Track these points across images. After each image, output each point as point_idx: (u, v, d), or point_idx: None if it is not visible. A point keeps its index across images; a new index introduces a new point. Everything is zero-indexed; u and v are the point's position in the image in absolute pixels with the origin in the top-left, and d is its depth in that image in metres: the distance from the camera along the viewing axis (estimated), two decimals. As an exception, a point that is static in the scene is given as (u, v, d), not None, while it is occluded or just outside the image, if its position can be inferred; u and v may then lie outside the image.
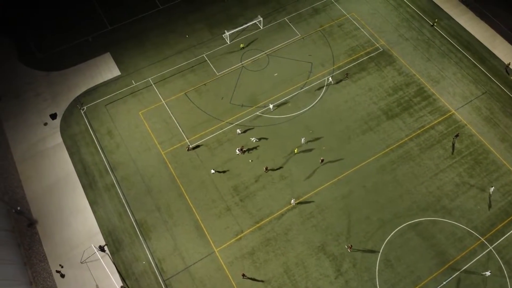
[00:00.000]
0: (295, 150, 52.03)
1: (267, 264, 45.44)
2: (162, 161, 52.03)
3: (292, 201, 48.37)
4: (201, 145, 52.69)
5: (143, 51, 61.17)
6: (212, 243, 46.68)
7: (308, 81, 58.28)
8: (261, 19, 62.12)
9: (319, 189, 49.75)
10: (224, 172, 50.99)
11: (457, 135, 53.34)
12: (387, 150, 52.60)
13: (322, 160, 51.07)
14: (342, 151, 52.45)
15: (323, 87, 57.67)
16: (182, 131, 54.19)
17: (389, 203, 48.81)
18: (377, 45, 61.88)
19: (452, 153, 52.53)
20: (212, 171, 50.66)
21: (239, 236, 47.09)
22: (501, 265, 44.82)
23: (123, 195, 49.67)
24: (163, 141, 53.49)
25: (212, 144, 53.19)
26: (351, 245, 45.94)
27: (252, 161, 51.51)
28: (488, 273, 44.02)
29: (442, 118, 55.13)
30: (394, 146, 52.89)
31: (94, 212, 48.59)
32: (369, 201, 48.93)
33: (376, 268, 45.09)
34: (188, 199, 49.45)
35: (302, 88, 57.67)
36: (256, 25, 63.51)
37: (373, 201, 48.93)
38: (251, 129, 54.17)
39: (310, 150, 52.52)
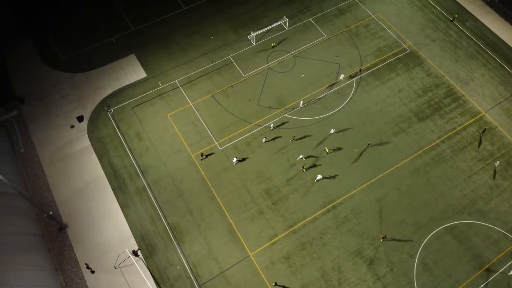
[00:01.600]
0: (326, 149, 51.68)
1: (303, 268, 44.95)
2: (193, 163, 51.43)
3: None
4: (213, 153, 52.05)
5: (168, 53, 60.50)
6: (246, 247, 46.15)
7: (337, 83, 57.78)
8: (287, 20, 61.52)
9: (353, 192, 49.30)
10: (244, 159, 51.04)
11: (484, 131, 53.23)
12: (419, 152, 52.18)
13: (369, 144, 52.05)
14: (374, 153, 51.97)
15: (352, 88, 57.26)
16: (211, 133, 53.59)
17: (424, 206, 48.39)
18: (404, 46, 61.43)
19: (479, 147, 52.39)
20: (234, 159, 50.39)
21: (273, 240, 46.58)
22: (542, 269, 44.66)
23: (155, 198, 49.07)
24: (192, 143, 52.88)
25: (241, 147, 52.58)
26: (385, 235, 45.90)
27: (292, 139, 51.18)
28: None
29: (473, 119, 54.76)
30: (427, 148, 52.46)
31: (126, 216, 47.98)
32: (404, 205, 48.51)
33: (413, 272, 44.68)
34: (220, 202, 48.90)
35: (330, 89, 57.18)
36: (281, 26, 62.92)
37: (408, 204, 48.52)
38: (285, 123, 53.98)
39: (341, 151, 52.09)
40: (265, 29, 60.92)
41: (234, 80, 58.03)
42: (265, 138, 52.39)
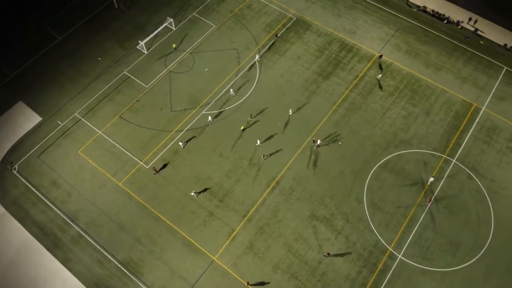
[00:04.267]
0: (242, 127, 52.23)
1: (269, 251, 44.87)
2: (123, 192, 48.29)
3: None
4: (168, 163, 50.02)
5: (58, 88, 55.66)
6: (208, 253, 44.75)
7: (240, 67, 58.00)
8: (171, 20, 60.04)
9: (289, 163, 50.17)
10: (205, 190, 48.33)
11: (380, 56, 58.06)
12: (334, 107, 54.65)
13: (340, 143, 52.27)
14: (296, 122, 53.29)
15: (256, 68, 57.90)
16: (132, 155, 50.71)
17: (355, 154, 50.95)
18: (289, 15, 63.48)
19: (381, 71, 57.33)
20: (193, 193, 48.00)
21: (232, 236, 45.76)
22: (468, 173, 49.54)
23: (95, 241, 45.25)
24: (115, 172, 49.58)
25: (169, 157, 50.64)
26: (318, 141, 49.49)
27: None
28: (431, 179, 48.50)
29: (370, 63, 58.63)
30: (339, 101, 55.12)
31: (71, 270, 43.63)
32: (337, 158, 50.58)
33: (367, 215, 46.99)
34: (166, 220, 46.65)
35: (237, 75, 57.25)
36: (167, 27, 61.23)
37: (341, 156, 50.70)
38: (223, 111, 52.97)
39: (267, 129, 52.64)
40: (152, 35, 58.82)
41: (138, 94, 55.39)
42: (181, 142, 51.14)
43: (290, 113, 53.87)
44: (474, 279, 43.37)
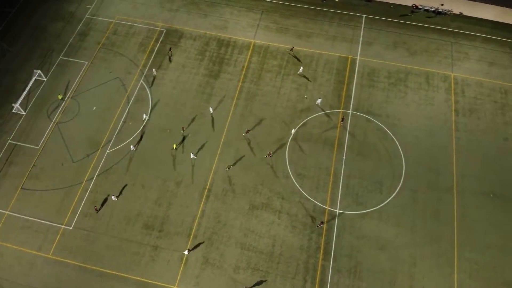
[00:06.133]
0: (174, 146, 51.88)
1: (224, 256, 45.37)
2: (56, 262, 44.74)
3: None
4: (109, 195, 48.27)
5: None
6: (167, 285, 43.75)
7: (129, 93, 56.54)
8: (39, 71, 56.04)
9: (213, 167, 50.85)
10: (199, 245, 45.82)
11: (291, 49, 60.76)
12: (234, 101, 56.31)
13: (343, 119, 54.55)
14: (205, 128, 53.95)
15: (145, 90, 56.96)
16: (50, 222, 47.00)
17: (267, 136, 53.33)
18: (158, 28, 63.17)
19: (300, 62, 60.17)
20: (186, 252, 45.17)
21: (184, 259, 45.24)
22: (366, 117, 55.00)
23: (45, 324, 41.69)
24: (40, 246, 45.63)
25: (89, 210, 47.95)
26: (270, 152, 51.34)
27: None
28: (319, 101, 54.77)
29: (250, 51, 61.24)
30: (236, 94, 56.92)
31: None
32: (253, 146, 52.49)
33: (297, 186, 49.79)
34: (112, 272, 44.39)
35: (128, 102, 55.75)
36: (38, 80, 56.95)
37: (256, 145, 52.66)
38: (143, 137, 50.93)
39: (183, 144, 52.52)
40: (25, 93, 54.28)
41: (32, 159, 51.09)
42: (113, 196, 48.70)
43: (211, 111, 54.77)
44: (405, 204, 48.79)
